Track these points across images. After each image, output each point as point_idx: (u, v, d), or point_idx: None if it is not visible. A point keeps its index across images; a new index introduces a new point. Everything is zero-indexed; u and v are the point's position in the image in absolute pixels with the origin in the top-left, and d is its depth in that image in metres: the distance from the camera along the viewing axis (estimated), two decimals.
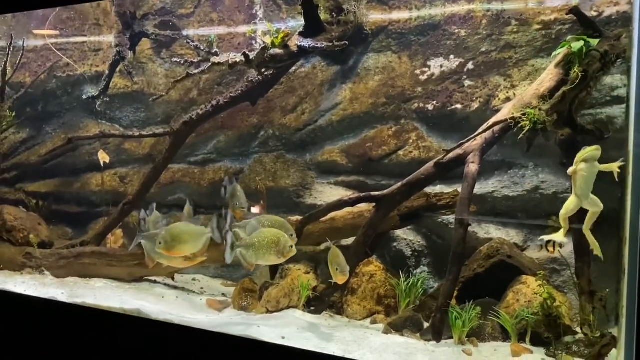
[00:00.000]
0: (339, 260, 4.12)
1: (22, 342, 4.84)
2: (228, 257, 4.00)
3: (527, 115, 4.05)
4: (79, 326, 4.74)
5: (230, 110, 6.02)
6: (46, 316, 4.93)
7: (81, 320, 4.80)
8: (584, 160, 3.72)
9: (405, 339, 4.20)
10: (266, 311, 4.81)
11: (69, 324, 4.79)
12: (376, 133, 5.58)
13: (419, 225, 5.29)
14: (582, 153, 3.73)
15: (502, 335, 4.19)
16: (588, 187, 3.76)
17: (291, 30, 5.20)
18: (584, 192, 3.77)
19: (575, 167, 3.76)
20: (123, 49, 6.36)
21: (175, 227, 4.22)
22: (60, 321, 4.84)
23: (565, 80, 4.11)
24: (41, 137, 7.36)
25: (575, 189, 3.81)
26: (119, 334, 4.55)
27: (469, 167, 4.26)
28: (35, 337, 4.80)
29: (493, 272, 4.54)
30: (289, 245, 3.95)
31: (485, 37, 5.11)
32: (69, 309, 4.90)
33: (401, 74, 5.47)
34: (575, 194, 3.81)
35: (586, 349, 3.79)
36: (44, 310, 4.99)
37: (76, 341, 4.61)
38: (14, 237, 6.15)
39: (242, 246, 4.00)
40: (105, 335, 4.57)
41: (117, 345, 4.46)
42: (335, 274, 4.13)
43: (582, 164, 3.73)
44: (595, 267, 4.15)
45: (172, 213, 6.02)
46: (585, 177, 3.73)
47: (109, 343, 4.49)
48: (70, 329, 4.74)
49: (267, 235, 3.98)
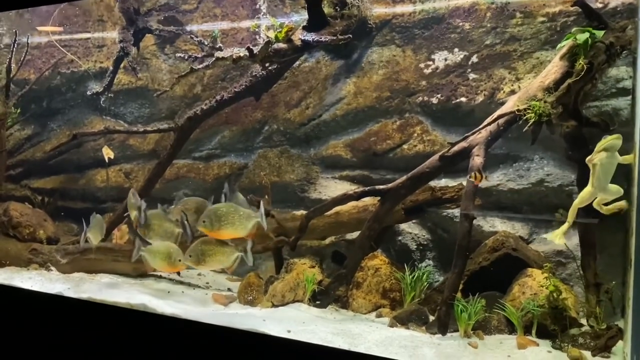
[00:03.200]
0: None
1: (29, 336, 4.86)
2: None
3: (532, 107, 4.04)
4: (85, 321, 4.76)
5: (235, 106, 6.03)
6: (52, 311, 4.95)
7: (87, 315, 4.82)
8: (604, 149, 3.61)
9: (411, 332, 4.20)
10: (271, 305, 4.82)
11: (75, 318, 4.81)
12: (380, 127, 5.57)
13: (424, 219, 5.28)
14: (603, 142, 3.60)
15: (507, 328, 4.18)
16: (606, 177, 3.65)
17: (295, 24, 5.20)
18: (601, 183, 3.66)
19: (595, 155, 3.63)
20: (127, 45, 6.37)
21: (220, 207, 4.18)
22: (66, 316, 4.87)
23: (571, 73, 4.08)
24: (46, 133, 7.38)
25: (593, 179, 3.69)
26: (125, 329, 4.57)
27: (474, 160, 4.25)
28: (42, 332, 4.82)
29: (498, 265, 4.53)
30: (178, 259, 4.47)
31: (489, 30, 5.09)
32: (75, 304, 4.93)
33: (405, 68, 5.46)
34: (592, 184, 3.70)
35: (592, 341, 3.78)
36: (50, 305, 5.01)
37: (82, 336, 4.63)
38: (20, 233, 6.18)
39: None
40: (111, 330, 4.59)
41: (123, 339, 4.48)
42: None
43: (602, 153, 3.61)
44: (602, 259, 4.15)
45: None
46: (604, 167, 3.60)
47: (115, 338, 4.51)
48: (76, 324, 4.76)
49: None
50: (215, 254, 4.28)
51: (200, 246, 4.35)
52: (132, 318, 4.66)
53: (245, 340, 4.08)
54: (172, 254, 4.50)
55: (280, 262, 5.28)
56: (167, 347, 4.32)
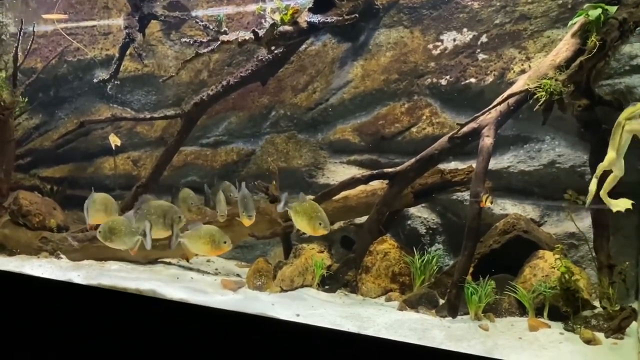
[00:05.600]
0: (322, 214, 4.19)
1: (40, 323, 4.89)
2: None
3: (543, 86, 3.96)
4: (95, 307, 4.78)
5: (241, 91, 5.99)
6: (63, 298, 4.97)
7: (97, 301, 4.84)
8: (631, 117, 3.40)
9: (421, 315, 4.17)
10: (280, 290, 4.80)
11: (85, 305, 4.83)
12: (389, 110, 5.51)
13: (434, 202, 5.22)
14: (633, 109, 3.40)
15: (519, 311, 4.14)
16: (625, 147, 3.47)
17: (300, 6, 5.13)
18: (622, 151, 3.47)
19: (624, 122, 3.42)
20: (132, 31, 6.33)
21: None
22: (76, 302, 4.88)
23: (583, 50, 3.99)
24: (54, 122, 7.39)
25: (618, 147, 3.47)
26: (135, 315, 4.58)
27: (484, 140, 4.19)
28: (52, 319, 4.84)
29: (509, 248, 4.47)
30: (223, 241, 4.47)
31: (499, 9, 5.00)
32: (85, 291, 4.94)
33: (413, 49, 5.38)
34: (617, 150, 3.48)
35: (605, 322, 3.73)
36: (61, 292, 5.03)
37: (92, 322, 4.65)
38: (29, 221, 6.20)
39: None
40: (121, 316, 4.60)
41: (133, 325, 4.49)
42: (317, 227, 4.17)
43: (632, 121, 3.40)
44: (615, 240, 4.08)
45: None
46: (628, 135, 3.41)
47: (125, 323, 4.52)
48: (86, 310, 4.77)
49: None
50: (120, 235, 4.55)
51: (110, 224, 4.56)
52: (141, 304, 4.67)
53: (254, 324, 4.07)
54: (215, 237, 4.48)
55: (289, 247, 5.26)
56: (176, 333, 4.32)
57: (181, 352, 4.22)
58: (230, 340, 4.08)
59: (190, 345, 4.17)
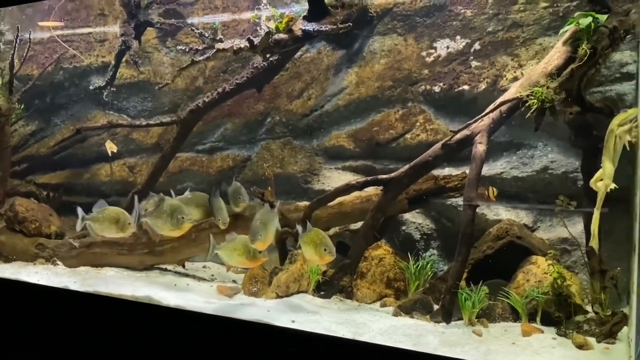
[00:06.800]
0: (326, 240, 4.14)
1: (36, 330, 4.90)
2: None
3: (535, 93, 4.00)
4: (91, 314, 4.80)
5: (237, 98, 6.01)
6: (59, 304, 4.98)
7: (93, 308, 4.85)
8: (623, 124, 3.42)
9: (415, 320, 4.20)
10: (276, 296, 4.82)
11: (81, 311, 4.84)
12: (383, 117, 5.55)
13: (428, 208, 5.26)
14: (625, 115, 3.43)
15: (512, 316, 4.17)
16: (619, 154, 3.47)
17: (295, 14, 5.18)
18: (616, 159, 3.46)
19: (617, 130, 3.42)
20: (128, 39, 6.37)
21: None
22: (72, 309, 4.90)
23: (574, 58, 4.04)
24: (50, 129, 7.40)
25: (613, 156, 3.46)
26: (131, 321, 4.59)
27: (477, 147, 4.23)
28: (49, 325, 4.86)
29: (502, 253, 4.51)
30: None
31: (491, 17, 5.05)
32: (81, 297, 4.96)
33: (407, 57, 5.42)
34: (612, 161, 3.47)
35: (597, 327, 3.77)
36: (57, 298, 5.05)
37: (88, 328, 4.67)
38: (26, 228, 6.21)
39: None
40: (117, 322, 4.62)
41: (129, 332, 4.51)
42: (323, 254, 4.12)
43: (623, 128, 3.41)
44: (607, 246, 4.12)
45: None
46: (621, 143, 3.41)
47: (121, 330, 4.54)
48: (82, 317, 4.79)
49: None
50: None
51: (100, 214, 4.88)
52: (137, 310, 4.69)
53: (250, 330, 4.09)
54: (251, 249, 4.35)
55: (285, 253, 5.28)
56: (172, 339, 4.34)
57: (177, 359, 4.24)
58: (226, 346, 4.11)
59: (186, 351, 4.19)
